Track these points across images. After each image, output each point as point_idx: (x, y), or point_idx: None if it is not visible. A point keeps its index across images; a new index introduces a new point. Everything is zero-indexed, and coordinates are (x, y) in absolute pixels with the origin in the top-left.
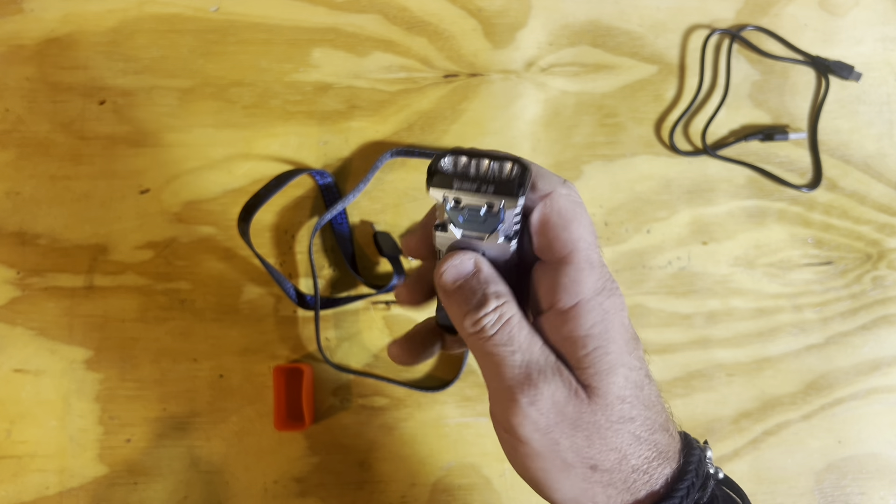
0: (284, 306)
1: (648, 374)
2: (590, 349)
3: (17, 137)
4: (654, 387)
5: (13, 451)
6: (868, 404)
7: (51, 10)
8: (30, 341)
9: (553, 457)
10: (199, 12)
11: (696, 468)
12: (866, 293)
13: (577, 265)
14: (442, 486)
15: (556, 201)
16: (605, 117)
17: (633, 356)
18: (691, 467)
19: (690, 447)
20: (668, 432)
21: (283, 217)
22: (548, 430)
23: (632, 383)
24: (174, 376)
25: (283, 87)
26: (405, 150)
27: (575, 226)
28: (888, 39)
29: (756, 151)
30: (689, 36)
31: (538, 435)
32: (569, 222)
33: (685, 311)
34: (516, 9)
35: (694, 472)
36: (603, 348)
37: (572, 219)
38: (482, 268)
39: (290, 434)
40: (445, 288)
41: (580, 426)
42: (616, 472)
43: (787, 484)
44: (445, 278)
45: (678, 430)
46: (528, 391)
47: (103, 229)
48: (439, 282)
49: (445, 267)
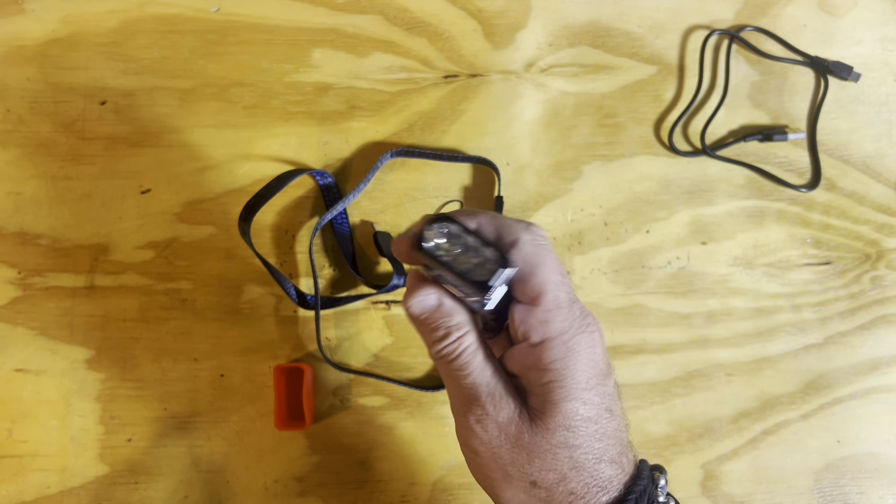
0: (285, 306)
1: (610, 409)
2: (545, 381)
3: (19, 137)
4: (614, 421)
5: (14, 451)
6: (867, 404)
7: (52, 10)
8: (31, 341)
9: (496, 468)
10: (200, 13)
11: (636, 499)
12: (865, 293)
13: (545, 306)
14: (442, 485)
15: (520, 249)
16: (604, 118)
17: (594, 392)
18: (631, 497)
19: (638, 478)
20: (618, 464)
21: (283, 217)
22: (490, 445)
23: (580, 416)
24: (175, 376)
25: (284, 88)
26: (405, 151)
27: (540, 269)
28: (887, 40)
29: (755, 152)
30: (689, 36)
31: (483, 448)
32: (534, 267)
33: (684, 310)
34: (516, 10)
35: (633, 503)
36: (558, 382)
37: (537, 263)
38: (444, 301)
39: (290, 433)
40: (412, 318)
41: (521, 445)
42: (554, 491)
43: (787, 483)
44: (412, 311)
45: (634, 462)
46: (475, 409)
47: (104, 229)
48: (407, 312)
49: (411, 302)
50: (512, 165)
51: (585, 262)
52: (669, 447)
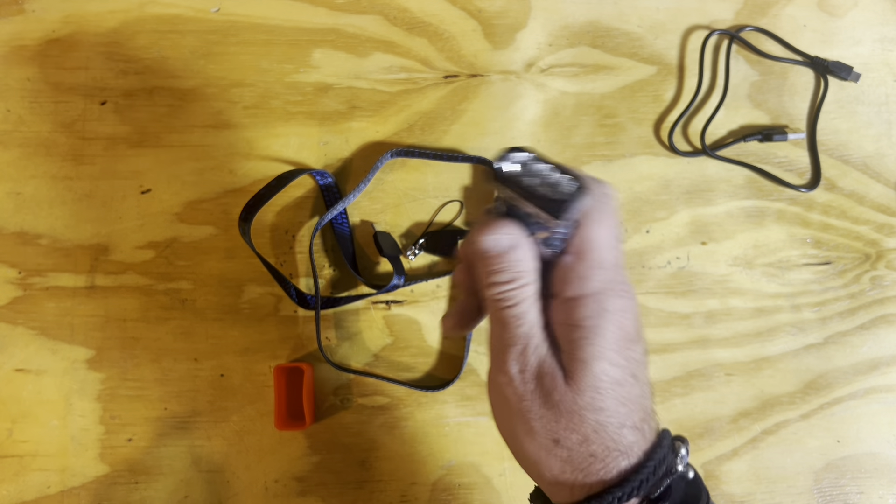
0: (285, 306)
1: (635, 374)
2: (575, 337)
3: (19, 138)
4: (638, 387)
5: (15, 451)
6: (866, 404)
7: (52, 10)
8: (31, 341)
9: (523, 420)
10: (201, 13)
11: (655, 467)
12: (865, 293)
13: (587, 263)
14: (442, 484)
15: (596, 203)
16: (604, 118)
17: (621, 354)
18: (650, 463)
19: (659, 446)
20: (640, 431)
21: (283, 217)
22: (524, 396)
23: (609, 377)
24: (175, 376)
25: (284, 88)
26: (405, 151)
27: (596, 227)
28: (886, 40)
29: (755, 152)
30: (689, 37)
31: (515, 398)
32: (591, 222)
33: (684, 310)
34: (516, 10)
35: (651, 470)
36: (588, 339)
37: (595, 219)
38: (520, 245)
39: (290, 433)
40: (479, 253)
41: (551, 403)
42: (575, 451)
43: (786, 483)
44: (484, 245)
45: (657, 430)
46: (520, 358)
47: (104, 229)
48: (473, 247)
49: (484, 237)
50: None
51: None
52: None
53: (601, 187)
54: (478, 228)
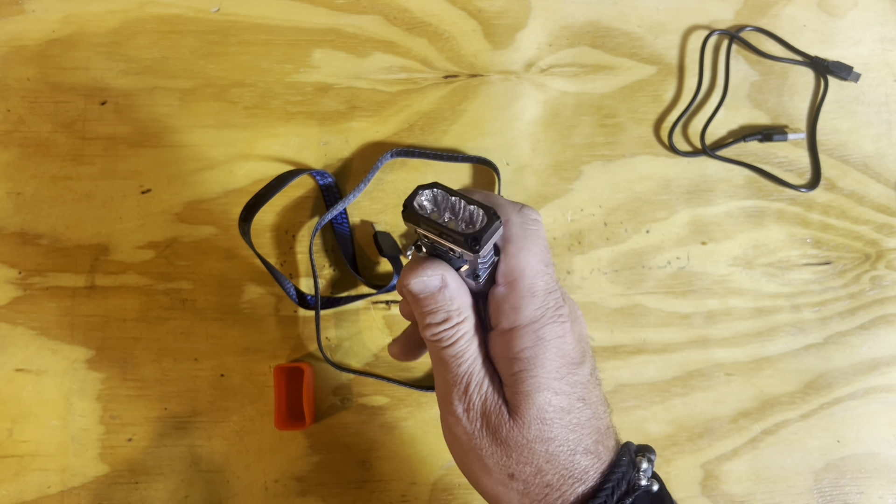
0: (285, 306)
1: (582, 398)
2: (516, 370)
3: (19, 138)
4: (588, 409)
5: (15, 451)
6: (866, 404)
7: (52, 10)
8: (31, 341)
9: (476, 458)
10: (201, 13)
11: (613, 488)
12: (865, 293)
13: (519, 293)
14: (442, 484)
15: (507, 230)
16: (604, 118)
17: (564, 381)
18: (608, 485)
19: (617, 465)
20: (594, 454)
21: (283, 217)
22: (473, 435)
23: (553, 406)
24: (175, 376)
25: (284, 88)
26: (405, 151)
27: (523, 255)
28: (887, 40)
29: (755, 152)
30: (689, 37)
31: (465, 437)
32: (518, 251)
33: (684, 310)
34: (516, 10)
35: (609, 492)
36: (528, 371)
37: (521, 248)
38: (448, 283)
39: (290, 433)
40: (410, 296)
41: (500, 439)
42: (531, 483)
43: (786, 483)
44: (413, 288)
45: (615, 449)
46: (463, 397)
47: (104, 229)
48: (405, 290)
49: (412, 280)
50: (512, 165)
51: (585, 262)
52: (669, 447)
53: (524, 213)
54: (406, 271)
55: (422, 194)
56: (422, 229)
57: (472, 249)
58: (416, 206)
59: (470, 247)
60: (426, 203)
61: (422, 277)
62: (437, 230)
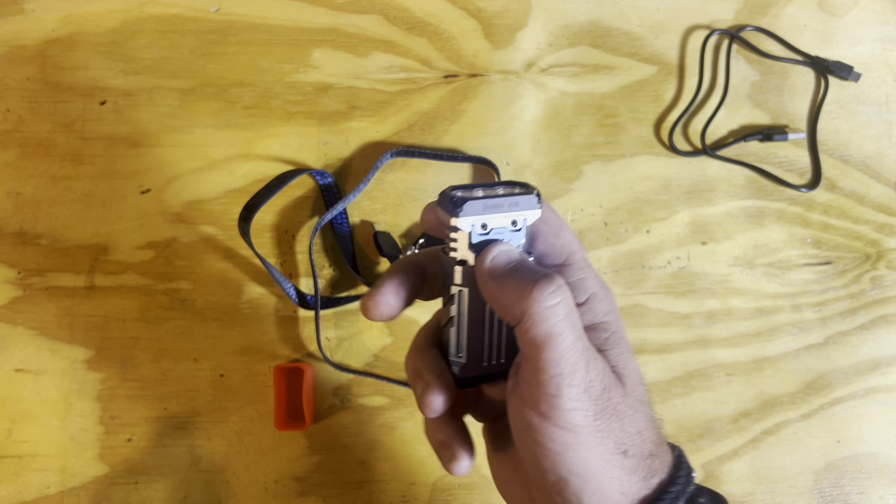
0: (285, 306)
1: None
2: (610, 333)
3: (19, 138)
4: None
5: (14, 451)
6: (867, 404)
7: (52, 10)
8: (31, 341)
9: (597, 444)
10: (200, 13)
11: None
12: (865, 293)
13: (577, 266)
14: (442, 485)
15: (542, 212)
16: (604, 118)
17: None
18: (680, 453)
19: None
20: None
21: (283, 217)
22: (596, 416)
23: (639, 370)
24: (175, 376)
25: (284, 88)
26: (405, 151)
27: (564, 232)
28: (887, 40)
29: (755, 152)
30: (689, 36)
31: (587, 422)
32: (558, 229)
33: (684, 310)
34: (516, 9)
35: (686, 461)
36: (618, 333)
37: (560, 226)
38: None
39: (290, 433)
40: (496, 272)
41: (618, 412)
42: (638, 457)
43: (787, 483)
44: (498, 261)
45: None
46: (584, 375)
47: (104, 229)
48: (489, 266)
49: (496, 252)
50: (512, 165)
51: None
52: None
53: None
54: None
55: (458, 192)
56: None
57: (538, 205)
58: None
59: (535, 203)
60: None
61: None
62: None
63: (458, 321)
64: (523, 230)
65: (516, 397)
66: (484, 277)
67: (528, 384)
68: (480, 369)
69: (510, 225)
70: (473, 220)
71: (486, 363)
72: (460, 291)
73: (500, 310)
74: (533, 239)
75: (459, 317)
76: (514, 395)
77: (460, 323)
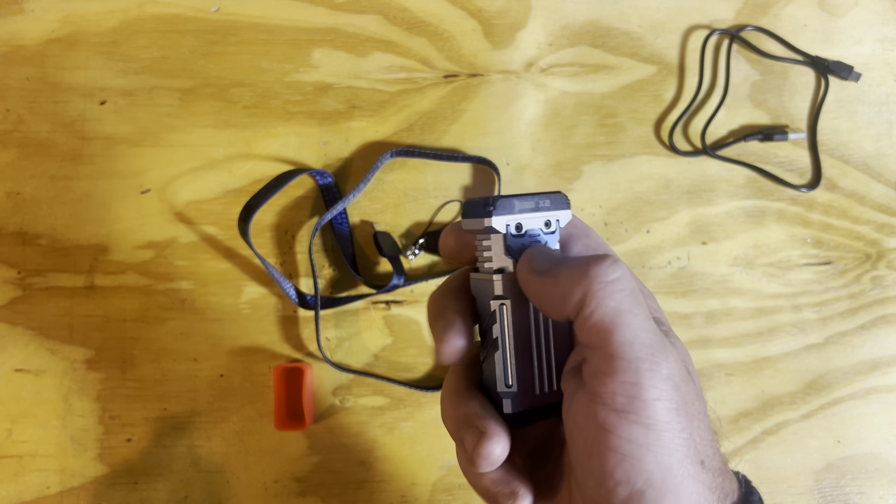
0: (285, 306)
1: None
2: (667, 327)
3: (18, 137)
4: None
5: (14, 451)
6: (867, 404)
7: (51, 10)
8: (30, 341)
9: (678, 447)
10: (200, 13)
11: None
12: (865, 293)
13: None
14: (442, 485)
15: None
16: (604, 117)
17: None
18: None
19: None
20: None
21: (283, 217)
22: (678, 411)
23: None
24: (175, 376)
25: (284, 88)
26: (405, 151)
27: (594, 234)
28: (887, 40)
29: (755, 151)
30: (689, 36)
31: (669, 416)
32: (587, 231)
33: (685, 310)
34: (516, 9)
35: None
36: (672, 331)
37: (588, 228)
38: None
39: (290, 433)
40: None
41: (693, 412)
42: (714, 471)
43: (787, 483)
44: (541, 258)
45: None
46: (664, 360)
47: (104, 229)
48: (533, 264)
49: (536, 251)
50: (512, 165)
51: None
52: None
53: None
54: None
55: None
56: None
57: (568, 205)
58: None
59: (566, 203)
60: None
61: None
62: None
63: (504, 342)
64: (557, 232)
65: (580, 401)
66: (529, 277)
67: (599, 377)
68: (533, 400)
69: (543, 226)
70: (508, 219)
71: (539, 391)
72: (502, 305)
73: (553, 305)
74: (566, 243)
75: (505, 337)
76: (576, 401)
77: (506, 345)
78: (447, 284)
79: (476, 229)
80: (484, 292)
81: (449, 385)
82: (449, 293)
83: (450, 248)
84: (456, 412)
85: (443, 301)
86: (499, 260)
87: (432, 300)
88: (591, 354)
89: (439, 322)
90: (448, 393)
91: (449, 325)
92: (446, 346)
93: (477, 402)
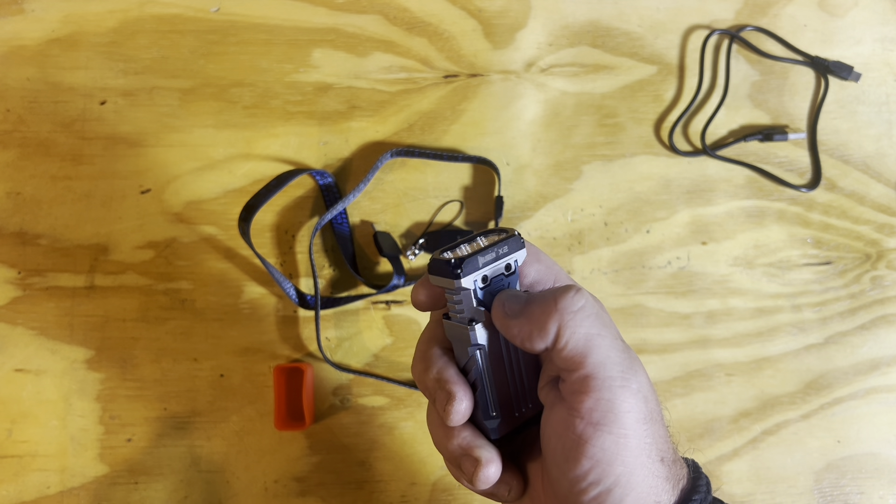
0: (285, 306)
1: None
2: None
3: (19, 138)
4: None
5: (14, 451)
6: (867, 404)
7: (52, 10)
8: (31, 341)
9: (643, 451)
10: (200, 13)
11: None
12: (865, 293)
13: (566, 283)
14: (442, 485)
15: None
16: (604, 118)
17: None
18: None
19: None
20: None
21: (283, 217)
22: (646, 420)
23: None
24: (175, 376)
25: (284, 88)
26: (405, 151)
27: (543, 257)
28: (887, 40)
29: (755, 151)
30: (689, 36)
31: (639, 426)
32: (537, 255)
33: (684, 310)
34: (516, 9)
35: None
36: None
37: (538, 252)
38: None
39: (290, 433)
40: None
41: (656, 416)
42: (670, 463)
43: (787, 483)
44: (512, 303)
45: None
46: (633, 376)
47: (104, 229)
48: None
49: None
50: (512, 165)
51: (585, 262)
52: None
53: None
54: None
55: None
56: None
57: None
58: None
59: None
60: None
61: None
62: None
63: (484, 382)
64: (517, 272)
65: (559, 413)
66: (505, 322)
67: (577, 394)
68: (514, 421)
69: (505, 270)
70: (474, 276)
71: (518, 413)
72: (478, 351)
73: (529, 339)
74: (520, 269)
75: (484, 378)
76: (555, 413)
77: (485, 384)
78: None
79: (446, 287)
80: (460, 338)
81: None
82: (455, 430)
83: (422, 304)
84: (451, 445)
85: (456, 441)
86: (470, 312)
87: (443, 443)
88: (568, 375)
89: (467, 461)
90: (437, 424)
91: (478, 462)
92: (484, 483)
93: (469, 433)
